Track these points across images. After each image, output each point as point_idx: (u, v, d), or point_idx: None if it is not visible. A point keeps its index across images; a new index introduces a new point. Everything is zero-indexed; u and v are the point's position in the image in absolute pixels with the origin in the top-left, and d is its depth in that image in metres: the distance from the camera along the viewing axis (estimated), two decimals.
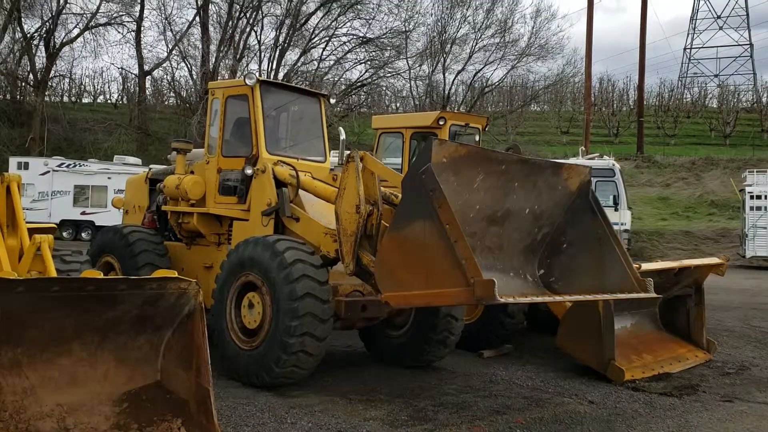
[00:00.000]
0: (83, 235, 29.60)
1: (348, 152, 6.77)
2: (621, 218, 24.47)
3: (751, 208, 26.02)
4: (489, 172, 5.72)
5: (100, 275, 5.58)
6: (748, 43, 73.64)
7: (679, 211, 35.27)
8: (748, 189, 26.60)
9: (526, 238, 6.37)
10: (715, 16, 74.99)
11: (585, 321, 7.58)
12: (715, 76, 70.94)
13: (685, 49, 75.54)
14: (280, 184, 7.64)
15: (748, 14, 73.99)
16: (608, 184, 24.15)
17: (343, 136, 8.67)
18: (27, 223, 6.78)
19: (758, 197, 26.06)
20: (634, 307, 8.28)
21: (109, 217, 25.52)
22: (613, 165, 21.96)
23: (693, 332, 8.68)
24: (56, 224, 16.82)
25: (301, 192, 7.61)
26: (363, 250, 6.46)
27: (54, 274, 6.09)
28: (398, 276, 5.51)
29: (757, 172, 27.70)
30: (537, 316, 9.54)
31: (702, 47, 74.92)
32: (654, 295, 6.07)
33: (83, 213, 29.94)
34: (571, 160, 21.60)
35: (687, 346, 8.57)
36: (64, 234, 28.88)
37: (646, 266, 7.59)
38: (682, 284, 8.54)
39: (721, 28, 74.57)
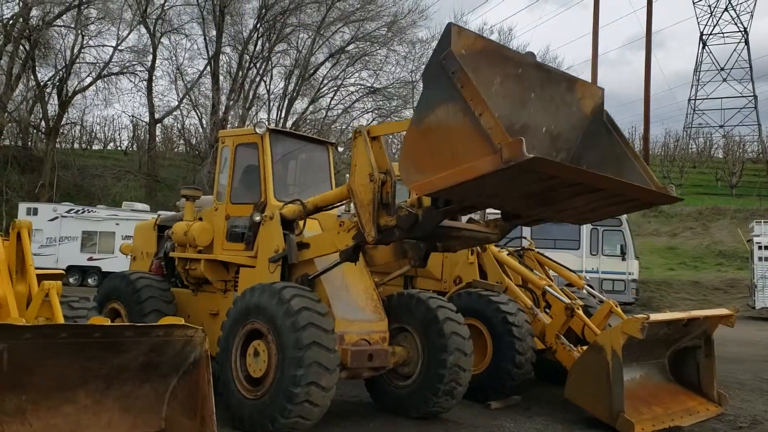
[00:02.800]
0: (90, 280, 29.60)
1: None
2: (628, 268, 24.37)
3: (760, 259, 25.78)
4: (506, 75, 5.59)
5: (107, 322, 5.58)
6: (752, 94, 74.41)
7: (687, 261, 35.09)
8: (756, 239, 26.40)
9: None
10: (719, 68, 75.98)
11: (594, 372, 7.48)
12: (720, 126, 71.49)
13: (689, 100, 76.40)
14: (287, 226, 7.68)
15: (751, 67, 75.00)
16: (615, 234, 24.12)
17: None
18: (35, 269, 6.81)
19: (766, 248, 25.86)
20: (644, 358, 8.19)
21: (116, 263, 25.60)
22: None
23: (703, 384, 8.55)
24: (63, 270, 16.84)
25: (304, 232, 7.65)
26: (380, 218, 6.48)
27: (62, 320, 6.07)
28: (423, 163, 5.31)
29: (764, 222, 27.57)
30: (545, 366, 9.42)
31: (706, 98, 75.70)
32: (676, 196, 5.90)
33: (90, 259, 29.98)
34: None
35: (697, 398, 8.42)
36: (71, 280, 28.89)
37: (654, 317, 7.52)
38: (691, 335, 8.44)
39: (725, 80, 75.48)
